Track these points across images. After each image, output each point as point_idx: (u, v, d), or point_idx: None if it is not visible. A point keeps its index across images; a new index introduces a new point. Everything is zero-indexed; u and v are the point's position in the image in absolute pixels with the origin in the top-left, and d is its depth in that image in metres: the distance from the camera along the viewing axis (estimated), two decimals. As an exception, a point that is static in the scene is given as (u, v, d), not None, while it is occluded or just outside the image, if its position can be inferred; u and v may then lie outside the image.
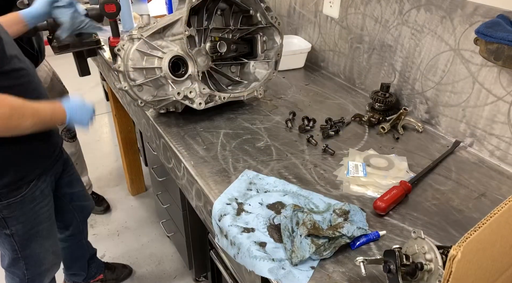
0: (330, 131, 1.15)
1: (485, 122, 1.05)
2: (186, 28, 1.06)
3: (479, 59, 1.01)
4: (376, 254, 0.77)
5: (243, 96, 1.21)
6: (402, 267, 0.64)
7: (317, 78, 1.54)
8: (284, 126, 1.20)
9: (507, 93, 0.98)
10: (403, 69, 1.24)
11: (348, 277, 0.73)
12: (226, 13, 1.23)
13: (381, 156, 1.06)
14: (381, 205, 0.85)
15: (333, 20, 1.47)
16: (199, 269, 1.59)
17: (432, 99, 1.18)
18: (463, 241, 0.49)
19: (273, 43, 1.27)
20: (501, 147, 1.03)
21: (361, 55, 1.39)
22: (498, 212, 0.53)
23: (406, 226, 0.84)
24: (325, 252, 0.75)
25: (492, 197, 0.93)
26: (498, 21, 0.90)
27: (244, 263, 0.79)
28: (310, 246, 0.73)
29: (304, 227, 0.76)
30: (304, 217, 0.78)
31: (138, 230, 2.06)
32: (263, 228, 0.82)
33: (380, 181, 0.96)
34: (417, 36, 1.17)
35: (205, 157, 1.04)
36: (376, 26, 1.29)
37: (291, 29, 1.73)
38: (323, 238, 0.75)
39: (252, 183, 0.95)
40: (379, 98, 1.22)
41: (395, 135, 1.16)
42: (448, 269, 0.49)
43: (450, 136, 1.15)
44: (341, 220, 0.81)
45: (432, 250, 0.63)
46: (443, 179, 0.99)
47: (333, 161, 1.05)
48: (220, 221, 0.86)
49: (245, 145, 1.10)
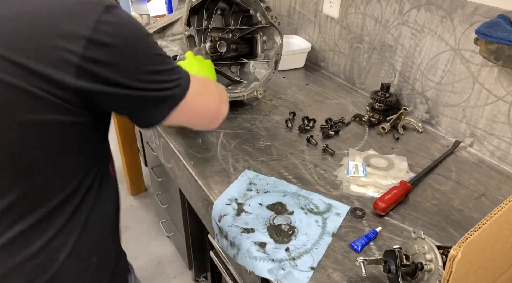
0: (330, 131, 1.15)
1: (485, 122, 1.05)
2: (186, 28, 1.06)
3: (479, 59, 1.01)
4: (376, 254, 0.77)
5: (243, 96, 1.21)
6: (402, 267, 0.64)
7: (317, 78, 1.54)
8: (284, 126, 1.20)
9: (507, 93, 0.98)
10: (403, 69, 1.24)
11: (348, 277, 0.73)
12: (226, 13, 1.22)
13: (381, 156, 1.06)
14: (381, 205, 0.85)
15: (333, 20, 1.47)
16: (199, 269, 1.59)
17: (432, 99, 1.17)
18: (463, 241, 0.49)
19: (273, 43, 1.27)
20: (501, 147, 1.03)
21: (361, 55, 1.39)
22: (498, 212, 0.53)
23: (406, 226, 0.84)
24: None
25: (492, 197, 0.93)
26: (498, 21, 0.90)
27: (244, 263, 0.79)
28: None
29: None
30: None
31: (137, 230, 2.06)
32: (263, 229, 0.82)
33: (380, 181, 0.96)
34: (417, 36, 1.16)
35: (205, 157, 1.04)
36: (376, 26, 1.29)
37: (291, 29, 1.73)
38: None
39: (252, 184, 0.95)
40: (379, 98, 1.22)
41: (395, 135, 1.16)
42: (448, 269, 0.49)
43: (450, 136, 1.15)
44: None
45: (432, 250, 0.63)
46: (443, 179, 0.99)
47: (333, 161, 1.05)
48: (220, 222, 0.86)
49: (245, 145, 1.10)
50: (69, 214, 0.63)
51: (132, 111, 0.64)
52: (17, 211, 0.60)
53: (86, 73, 0.53)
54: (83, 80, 0.54)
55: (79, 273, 0.66)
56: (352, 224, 0.84)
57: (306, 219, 0.85)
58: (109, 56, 0.54)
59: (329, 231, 0.82)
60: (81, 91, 0.54)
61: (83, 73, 0.53)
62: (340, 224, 0.84)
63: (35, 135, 0.56)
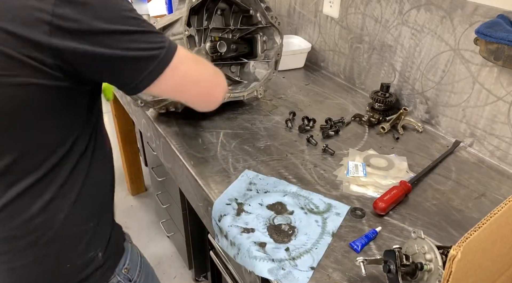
0: (330, 131, 1.15)
1: (485, 122, 1.05)
2: (186, 28, 1.06)
3: (479, 59, 1.01)
4: (376, 254, 0.77)
5: (243, 96, 1.21)
6: (402, 267, 0.64)
7: (317, 78, 1.54)
8: (284, 126, 1.20)
9: (507, 93, 0.98)
10: (403, 69, 1.24)
11: (348, 277, 0.73)
12: (226, 13, 1.22)
13: (381, 156, 1.06)
14: (381, 205, 0.85)
15: (333, 20, 1.47)
16: (199, 269, 1.59)
17: (432, 99, 1.18)
18: (463, 241, 0.49)
19: (273, 43, 1.27)
20: (501, 147, 1.03)
21: (361, 55, 1.39)
22: (498, 212, 0.53)
23: (406, 226, 0.84)
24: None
25: (492, 197, 0.93)
26: (498, 21, 0.90)
27: (244, 263, 0.79)
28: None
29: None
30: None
31: (137, 230, 2.06)
32: (263, 229, 0.82)
33: (380, 181, 0.96)
34: (417, 36, 1.16)
35: (205, 157, 1.04)
36: (376, 26, 1.29)
37: (291, 29, 1.73)
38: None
39: (252, 183, 0.95)
40: (379, 98, 1.22)
41: (395, 135, 1.16)
42: (448, 269, 0.49)
43: (450, 136, 1.15)
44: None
45: (432, 250, 0.63)
46: (443, 179, 0.99)
47: (333, 161, 1.05)
48: (220, 222, 0.86)
49: (245, 145, 1.10)
50: (64, 178, 0.66)
51: (113, 74, 0.63)
52: (13, 174, 0.63)
53: (58, 30, 0.54)
54: (57, 38, 0.55)
55: (78, 236, 0.71)
56: (352, 224, 0.84)
57: (306, 219, 0.85)
58: (79, 13, 0.55)
59: (329, 231, 0.82)
60: (55, 50, 0.55)
61: (55, 30, 0.54)
62: (340, 224, 0.84)
63: (18, 98, 0.58)
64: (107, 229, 0.78)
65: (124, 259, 0.81)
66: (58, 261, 0.70)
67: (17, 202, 0.65)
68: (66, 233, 0.69)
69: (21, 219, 0.66)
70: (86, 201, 0.71)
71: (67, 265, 0.71)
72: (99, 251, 0.74)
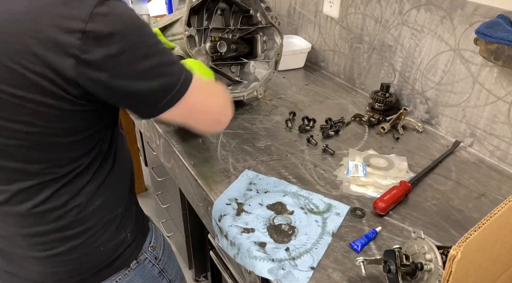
0: (330, 131, 1.15)
1: (485, 122, 1.05)
2: (186, 28, 1.06)
3: (479, 59, 1.01)
4: (376, 254, 0.77)
5: (243, 96, 1.21)
6: (402, 267, 0.64)
7: (317, 78, 1.54)
8: (284, 126, 1.20)
9: (507, 93, 0.98)
10: (403, 69, 1.24)
11: (348, 277, 0.73)
12: (226, 13, 1.22)
13: (381, 156, 1.06)
14: (381, 205, 0.85)
15: (333, 20, 1.47)
16: (199, 269, 1.59)
17: (432, 99, 1.18)
18: (463, 241, 0.49)
19: (273, 43, 1.27)
20: (501, 147, 1.03)
21: (361, 55, 1.39)
22: (498, 212, 0.53)
23: (406, 226, 0.84)
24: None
25: (492, 197, 0.93)
26: (498, 21, 0.90)
27: (244, 263, 0.79)
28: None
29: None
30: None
31: (138, 230, 2.06)
32: (263, 229, 0.82)
33: (380, 181, 0.96)
34: (417, 36, 1.16)
35: (205, 157, 1.04)
36: (376, 26, 1.29)
37: (291, 29, 1.73)
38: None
39: (252, 184, 0.95)
40: (379, 98, 1.22)
41: (395, 135, 1.16)
42: (448, 269, 0.49)
43: (450, 136, 1.15)
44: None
45: (432, 250, 0.63)
46: (443, 179, 0.99)
47: (333, 161, 1.05)
48: (220, 222, 0.86)
49: (245, 145, 1.10)
50: (91, 174, 0.72)
51: (133, 104, 0.66)
52: (48, 175, 0.68)
53: (84, 64, 0.56)
54: (82, 71, 0.56)
55: (109, 222, 0.77)
56: (352, 224, 0.84)
57: (306, 219, 0.85)
58: (106, 48, 0.56)
59: (329, 231, 0.82)
60: (79, 82, 0.58)
61: (81, 64, 0.56)
62: (340, 224, 0.84)
63: (48, 118, 0.61)
64: (133, 210, 0.84)
65: (150, 238, 0.87)
66: (92, 246, 0.76)
67: (52, 199, 0.69)
68: (99, 222, 0.75)
69: (56, 214, 0.70)
70: (113, 190, 0.77)
71: (101, 248, 0.77)
72: (128, 232, 0.81)
